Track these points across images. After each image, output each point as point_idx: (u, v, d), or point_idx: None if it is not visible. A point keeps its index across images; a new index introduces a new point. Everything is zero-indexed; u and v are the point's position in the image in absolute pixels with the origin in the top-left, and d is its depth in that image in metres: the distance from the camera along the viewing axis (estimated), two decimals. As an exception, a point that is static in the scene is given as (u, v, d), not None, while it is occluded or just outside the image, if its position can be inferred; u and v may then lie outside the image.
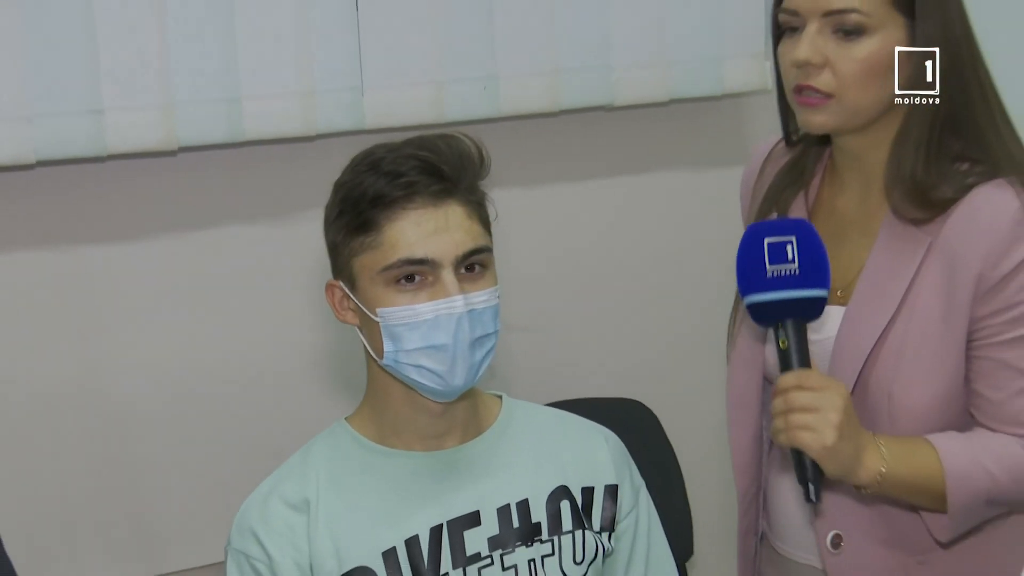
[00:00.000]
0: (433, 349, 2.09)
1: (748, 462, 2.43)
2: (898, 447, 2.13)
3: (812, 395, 2.06)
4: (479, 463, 2.23)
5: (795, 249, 2.09)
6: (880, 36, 2.15)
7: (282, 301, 3.11)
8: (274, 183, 3.05)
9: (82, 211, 2.94)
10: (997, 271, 2.11)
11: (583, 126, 3.36)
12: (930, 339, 2.16)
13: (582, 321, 3.44)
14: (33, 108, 2.75)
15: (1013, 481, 2.13)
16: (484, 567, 2.19)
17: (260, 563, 2.15)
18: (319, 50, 3.01)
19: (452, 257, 2.09)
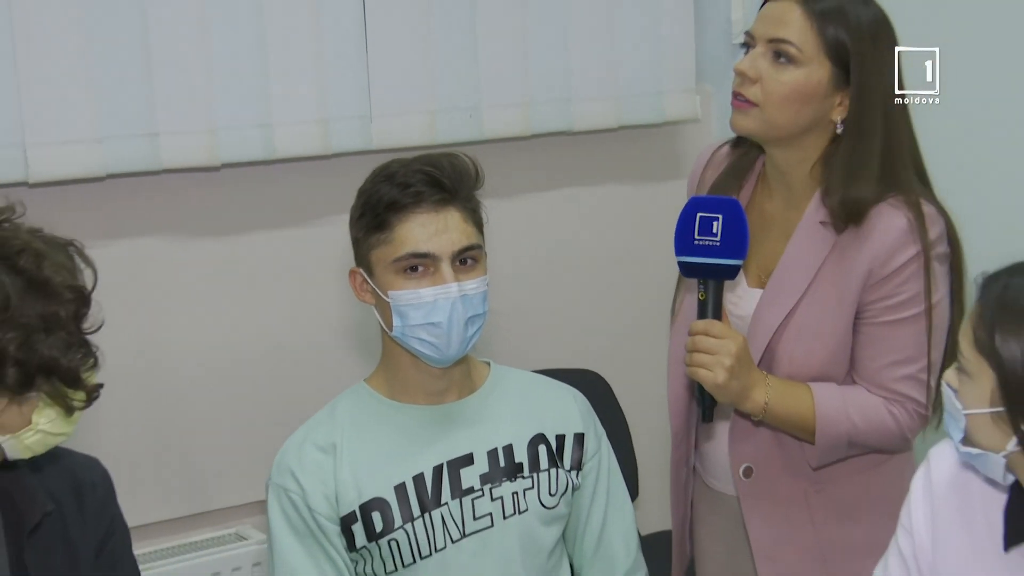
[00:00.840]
0: (432, 326, 2.16)
1: (681, 407, 2.43)
2: (783, 388, 2.20)
3: (714, 342, 2.13)
4: (472, 415, 2.29)
5: (720, 225, 2.14)
6: (806, 70, 2.17)
7: (307, 286, 3.11)
8: (299, 192, 3.07)
9: (142, 215, 2.96)
10: (884, 269, 2.18)
11: (549, 148, 3.38)
12: (826, 318, 2.22)
13: (550, 305, 3.45)
14: (103, 132, 2.78)
15: (871, 430, 2.20)
16: (476, 498, 2.24)
17: (296, 495, 2.20)
18: (335, 85, 3.03)
19: (450, 252, 2.16)
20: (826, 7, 2.17)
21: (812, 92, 2.18)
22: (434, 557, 2.23)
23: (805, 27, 2.17)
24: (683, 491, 2.50)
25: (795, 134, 2.22)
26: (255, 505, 3.00)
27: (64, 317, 1.77)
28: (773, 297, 2.26)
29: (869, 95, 2.19)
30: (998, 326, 1.62)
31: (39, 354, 1.74)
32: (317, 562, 2.21)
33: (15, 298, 1.73)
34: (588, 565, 2.39)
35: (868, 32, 2.19)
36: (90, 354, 1.82)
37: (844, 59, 2.18)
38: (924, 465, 1.89)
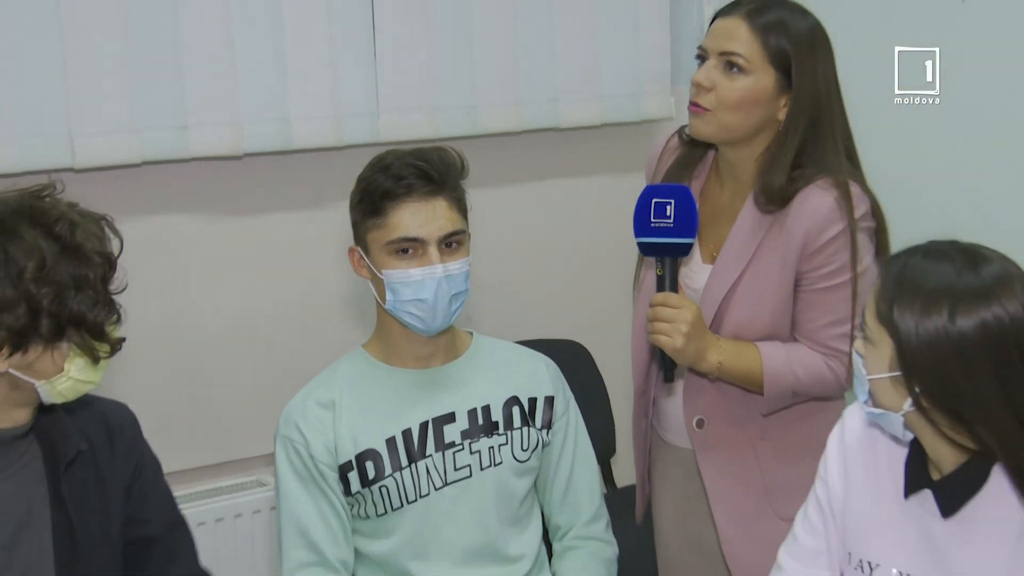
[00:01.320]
0: (419, 301, 2.21)
1: (642, 368, 2.45)
2: (735, 348, 2.25)
3: (671, 311, 2.18)
4: (455, 378, 2.34)
5: (673, 209, 2.19)
6: (754, 78, 2.21)
7: (316, 262, 3.12)
8: (312, 179, 3.09)
9: (173, 198, 2.98)
10: (816, 243, 2.21)
11: (538, 142, 3.40)
12: (767, 286, 2.26)
13: (538, 282, 3.47)
14: (140, 123, 2.81)
15: (812, 381, 2.25)
16: (457, 451, 2.29)
17: (300, 445, 2.26)
18: (346, 84, 3.05)
19: (436, 237, 2.20)
20: (768, 21, 2.21)
21: (760, 96, 2.22)
22: (419, 502, 2.27)
23: (751, 40, 2.21)
24: (643, 440, 2.51)
25: (747, 135, 2.26)
26: (262, 458, 3.05)
27: (93, 278, 1.82)
28: (720, 271, 2.29)
29: (809, 95, 2.23)
30: (896, 301, 1.66)
31: (69, 308, 1.80)
32: (317, 503, 2.25)
33: (50, 260, 1.78)
34: (557, 512, 2.43)
35: (806, 40, 2.23)
36: (114, 311, 1.88)
37: (786, 65, 2.22)
38: (839, 424, 1.93)
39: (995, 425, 1.62)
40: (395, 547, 2.29)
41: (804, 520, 1.94)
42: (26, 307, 1.77)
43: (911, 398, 1.67)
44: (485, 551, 2.32)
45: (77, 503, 1.96)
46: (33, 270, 1.77)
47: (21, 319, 1.78)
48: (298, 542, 2.26)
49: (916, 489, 1.78)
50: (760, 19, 2.21)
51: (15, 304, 1.77)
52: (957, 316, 1.61)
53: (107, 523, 2.01)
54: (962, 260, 1.66)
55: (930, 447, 1.74)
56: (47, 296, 1.78)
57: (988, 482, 1.70)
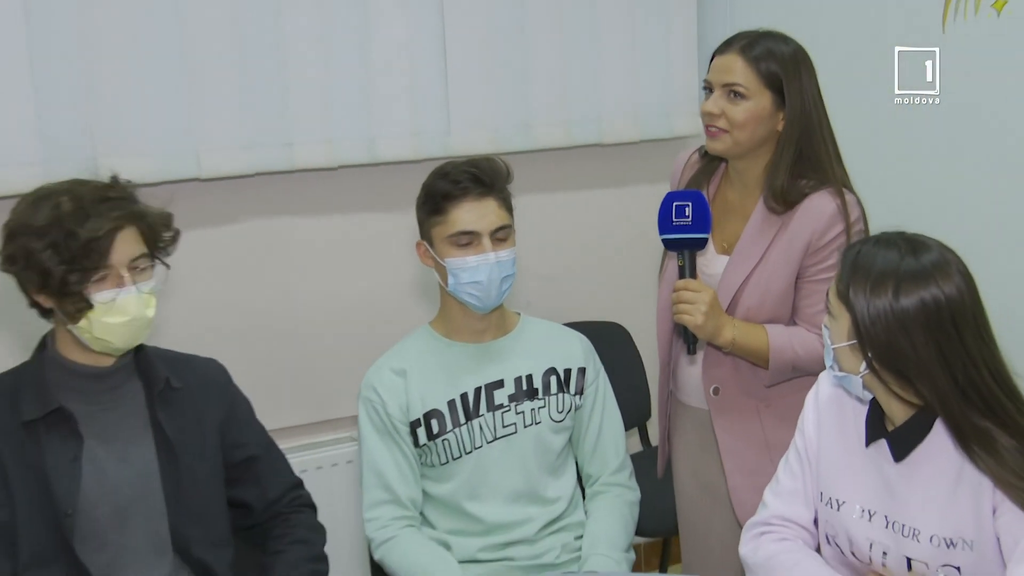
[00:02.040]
0: (476, 283, 2.27)
1: (665, 343, 2.47)
2: (746, 327, 2.28)
3: (692, 294, 2.22)
4: (504, 351, 2.39)
5: (690, 210, 2.24)
6: (754, 101, 2.25)
7: (393, 255, 3.12)
8: (394, 187, 3.07)
9: (280, 202, 3.03)
10: (819, 242, 2.25)
11: (584, 156, 3.41)
12: (775, 278, 2.29)
13: (586, 274, 3.46)
14: (253, 141, 2.87)
15: (808, 357, 2.26)
16: (504, 412, 2.35)
17: (377, 404, 2.34)
18: (423, 107, 3.08)
19: (488, 230, 2.26)
20: (758, 53, 2.26)
21: (761, 115, 2.26)
22: (473, 453, 2.34)
23: (747, 71, 2.25)
24: (665, 405, 2.54)
25: (754, 148, 2.30)
26: (348, 419, 3.09)
27: (74, 249, 1.90)
28: (736, 263, 2.32)
29: (799, 108, 2.26)
30: (851, 282, 1.72)
31: (45, 264, 1.90)
32: (392, 452, 2.34)
33: (56, 220, 1.90)
34: (587, 463, 2.48)
35: (791, 63, 2.26)
36: (84, 279, 1.91)
37: (778, 86, 2.26)
38: (815, 386, 1.99)
39: (933, 384, 1.69)
40: (454, 489, 2.34)
41: (786, 465, 2.00)
42: (24, 252, 1.89)
43: (865, 363, 1.73)
44: (527, 494, 2.36)
45: (175, 427, 2.04)
46: (43, 223, 1.89)
47: (31, 260, 1.89)
48: (375, 483, 2.33)
49: (874, 439, 1.85)
50: (752, 52, 2.25)
51: (24, 245, 1.90)
52: (900, 295, 1.67)
53: (203, 447, 2.09)
54: (906, 247, 1.72)
55: (884, 404, 1.81)
56: (35, 249, 1.88)
57: (931, 432, 1.77)
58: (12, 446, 1.90)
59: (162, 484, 2.03)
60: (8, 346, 2.63)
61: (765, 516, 1.98)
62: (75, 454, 1.94)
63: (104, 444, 1.98)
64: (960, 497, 1.75)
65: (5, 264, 1.93)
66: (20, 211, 1.92)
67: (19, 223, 1.90)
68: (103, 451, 1.98)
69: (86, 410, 1.98)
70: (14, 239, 1.90)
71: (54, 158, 2.66)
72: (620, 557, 2.35)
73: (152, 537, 2.02)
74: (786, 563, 1.88)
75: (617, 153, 3.47)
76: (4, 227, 1.93)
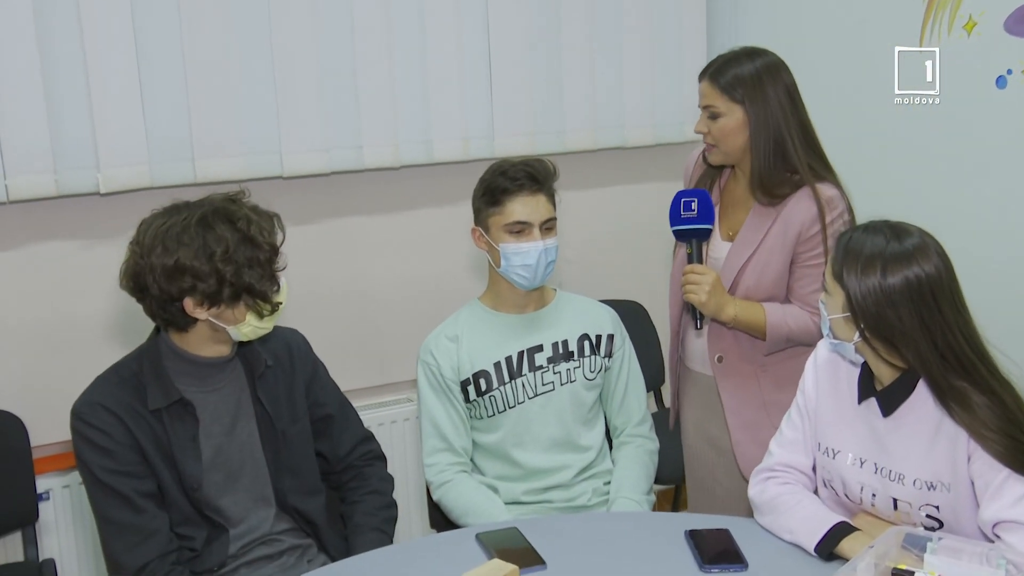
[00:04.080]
0: (526, 266, 2.26)
1: (675, 316, 2.46)
2: (745, 305, 2.28)
3: (697, 276, 2.23)
4: (543, 320, 2.37)
5: (696, 204, 2.26)
6: (728, 117, 2.24)
7: (448, 241, 3.13)
8: (448, 183, 3.10)
9: (354, 199, 3.01)
10: (807, 233, 2.23)
11: (609, 157, 3.40)
12: (771, 262, 2.27)
13: (612, 259, 3.45)
14: (329, 144, 2.88)
15: (800, 330, 2.27)
16: (544, 372, 2.33)
17: (433, 367, 2.33)
18: (471, 116, 3.08)
19: (539, 221, 2.24)
20: (725, 80, 2.23)
21: (736, 127, 2.24)
22: (516, 408, 2.33)
23: (716, 94, 2.24)
24: (675, 371, 2.54)
25: (742, 153, 2.28)
26: (410, 383, 3.11)
27: (262, 259, 1.90)
28: (737, 248, 2.31)
29: (763, 119, 2.22)
30: (844, 264, 1.72)
31: (244, 281, 1.88)
32: (446, 407, 2.33)
33: (233, 246, 1.87)
34: (614, 416, 2.47)
35: (751, 80, 2.21)
36: (276, 283, 1.93)
37: (744, 101, 2.23)
38: (814, 352, 1.98)
39: (917, 349, 1.69)
40: (500, 439, 2.34)
41: (788, 420, 2.00)
42: (215, 278, 1.86)
43: (858, 332, 1.74)
44: (564, 442, 2.36)
45: (270, 400, 2.07)
46: (221, 253, 1.85)
47: (212, 286, 1.86)
48: (433, 433, 2.34)
49: (866, 397, 1.85)
50: (720, 78, 2.23)
51: (208, 276, 1.85)
52: (888, 274, 1.67)
53: (295, 411, 2.12)
54: (890, 233, 1.71)
55: (874, 367, 1.81)
56: (229, 271, 1.86)
57: (915, 391, 1.77)
58: (144, 430, 1.94)
59: (263, 450, 2.06)
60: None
61: (770, 463, 1.97)
62: (193, 434, 1.98)
63: (216, 421, 2.02)
64: (939, 446, 1.75)
65: (189, 294, 1.87)
66: (183, 245, 1.84)
67: (197, 254, 1.84)
68: (216, 428, 2.01)
69: (200, 395, 2.00)
70: (193, 272, 1.85)
71: (159, 159, 2.69)
72: (642, 499, 2.35)
73: (258, 493, 2.07)
74: (789, 503, 1.88)
75: (637, 155, 3.46)
76: (170, 266, 1.85)
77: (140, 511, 1.93)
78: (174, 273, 1.85)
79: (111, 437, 1.92)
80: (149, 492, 1.95)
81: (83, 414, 1.93)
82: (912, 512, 1.78)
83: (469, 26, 3.05)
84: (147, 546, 1.92)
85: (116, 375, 1.99)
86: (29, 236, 2.65)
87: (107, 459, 1.92)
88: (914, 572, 1.59)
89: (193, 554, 2.00)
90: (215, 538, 2.01)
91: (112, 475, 1.92)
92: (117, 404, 1.93)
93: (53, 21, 2.53)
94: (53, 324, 2.69)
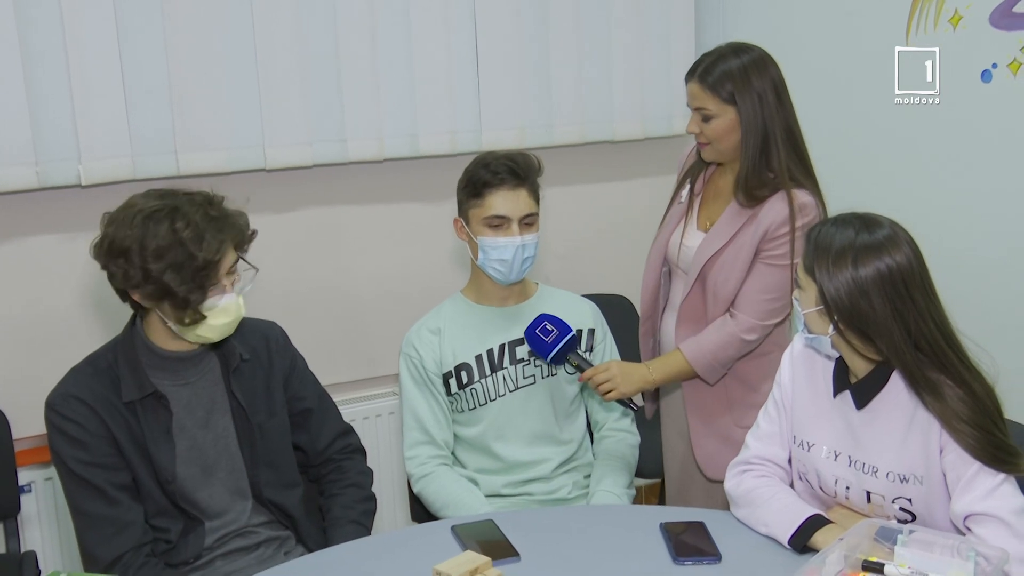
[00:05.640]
0: (502, 260, 2.26)
1: (648, 298, 2.45)
2: (660, 363, 2.30)
3: (602, 375, 2.24)
4: (525, 313, 2.37)
5: (550, 324, 2.25)
6: (721, 118, 2.22)
7: (432, 235, 3.11)
8: (433, 177, 3.06)
9: (336, 191, 3.01)
10: (775, 232, 2.22)
11: (598, 151, 3.39)
12: (739, 256, 2.26)
13: (598, 254, 3.44)
14: (313, 137, 2.86)
15: (727, 356, 2.28)
16: (525, 365, 2.35)
17: (416, 359, 2.34)
18: (459, 109, 3.06)
19: (518, 216, 2.24)
20: (713, 79, 2.21)
21: (730, 127, 2.23)
22: (497, 401, 2.34)
23: (706, 95, 2.22)
24: (651, 354, 2.51)
25: (736, 152, 2.27)
26: (391, 377, 3.09)
27: (192, 268, 1.86)
28: (710, 240, 2.31)
29: (752, 115, 2.21)
30: (815, 258, 1.73)
31: (166, 283, 1.86)
32: (428, 400, 2.34)
33: (164, 246, 1.85)
34: (596, 411, 2.49)
35: (740, 77, 2.20)
36: (203, 295, 1.88)
37: (736, 100, 2.21)
38: (789, 347, 1.99)
39: (891, 338, 1.69)
40: (481, 432, 2.34)
41: (764, 413, 2.01)
42: (141, 272, 1.85)
43: (832, 325, 1.74)
44: (545, 435, 2.36)
45: (245, 394, 2.07)
46: (152, 249, 1.83)
47: (136, 278, 1.85)
48: (414, 426, 2.34)
49: (840, 390, 1.86)
50: (708, 78, 2.21)
51: (136, 266, 1.85)
52: (859, 265, 1.68)
53: (272, 404, 2.12)
54: (860, 225, 1.72)
55: (848, 360, 1.82)
56: (154, 269, 1.84)
57: (888, 384, 1.78)
58: (118, 422, 1.94)
59: (239, 444, 2.07)
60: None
61: (747, 456, 1.98)
62: (167, 427, 1.99)
63: (189, 414, 2.02)
64: (912, 440, 1.76)
65: (116, 279, 1.88)
66: (128, 230, 1.85)
67: (133, 242, 1.84)
68: (189, 421, 2.02)
69: (173, 388, 2.01)
70: (127, 256, 1.85)
71: (141, 152, 2.69)
72: (622, 492, 2.35)
73: (234, 486, 2.07)
74: (764, 495, 1.89)
75: (625, 149, 3.45)
76: (111, 243, 1.86)
77: (114, 503, 1.94)
78: (111, 250, 1.86)
79: (85, 429, 1.92)
80: (123, 484, 1.96)
81: (57, 406, 1.94)
82: (885, 505, 1.79)
83: (456, 17, 3.04)
84: (122, 538, 1.94)
85: (91, 367, 1.99)
86: (10, 229, 2.65)
87: (81, 451, 1.93)
88: (884, 564, 1.60)
89: (168, 546, 2.01)
90: (191, 530, 2.02)
91: (86, 467, 1.93)
92: (91, 396, 1.94)
93: (34, 12, 2.55)
94: (34, 316, 2.70)
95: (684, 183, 2.44)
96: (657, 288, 2.44)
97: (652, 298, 2.47)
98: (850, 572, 1.61)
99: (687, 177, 2.44)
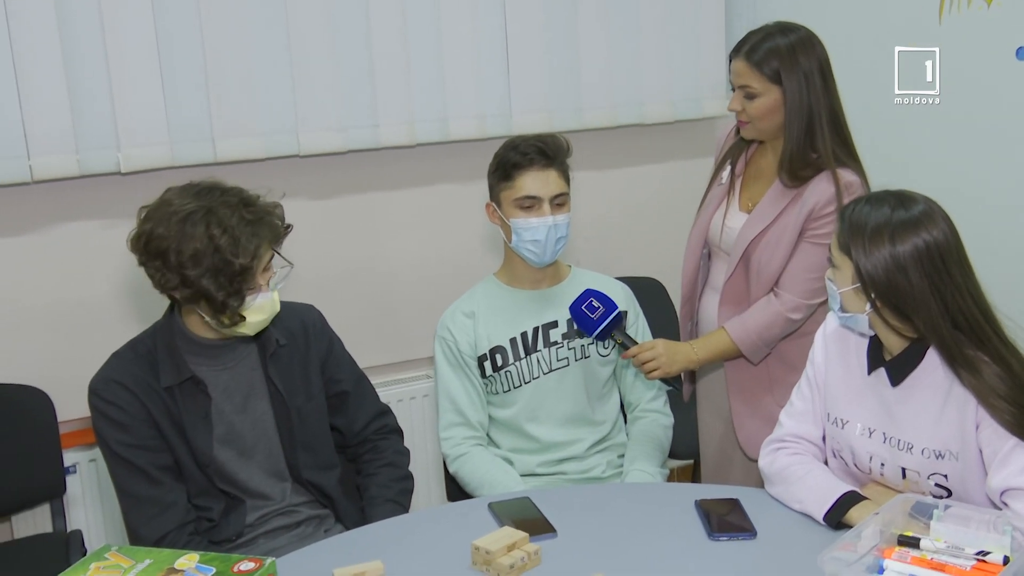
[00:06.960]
0: (535, 241, 2.27)
1: (688, 280, 2.46)
2: (703, 342, 2.29)
3: (647, 353, 2.23)
4: (558, 296, 2.38)
5: (596, 301, 2.24)
6: (765, 97, 2.22)
7: (465, 218, 3.08)
8: (464, 160, 3.10)
9: (369, 176, 3.02)
10: (821, 211, 2.22)
11: (630, 134, 3.39)
12: (783, 239, 2.26)
13: (630, 237, 3.45)
14: (345, 123, 2.90)
15: (772, 335, 2.28)
16: (558, 348, 2.36)
17: (451, 342, 2.36)
18: (488, 94, 3.09)
19: (549, 196, 2.25)
20: (759, 56, 2.20)
21: (775, 106, 2.23)
22: (531, 383, 2.36)
23: (752, 74, 2.21)
24: (689, 336, 2.52)
25: (778, 130, 2.27)
26: (428, 359, 3.04)
27: (229, 274, 1.87)
28: (754, 220, 2.31)
29: (797, 95, 2.20)
30: (851, 236, 1.73)
31: (204, 287, 1.87)
32: (463, 382, 2.36)
33: (200, 251, 1.86)
34: (628, 392, 2.49)
35: (787, 56, 2.19)
36: (241, 299, 1.91)
37: (782, 79, 2.21)
38: (823, 325, 1.99)
39: (928, 314, 1.70)
40: (515, 413, 2.36)
41: (798, 391, 2.01)
42: (178, 276, 1.88)
43: (869, 303, 1.75)
44: (578, 417, 2.38)
45: (283, 379, 2.09)
46: (189, 253, 1.86)
47: (173, 281, 1.88)
48: (449, 408, 2.36)
49: (875, 367, 1.86)
50: (755, 56, 2.20)
51: (172, 270, 1.87)
52: (896, 242, 1.69)
53: (310, 388, 2.14)
54: (895, 202, 1.73)
55: (883, 337, 1.82)
56: (191, 274, 1.87)
57: (923, 361, 1.78)
58: (157, 406, 1.97)
59: (276, 427, 2.09)
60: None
61: (780, 434, 1.99)
62: (205, 411, 2.01)
63: (228, 399, 2.04)
64: (947, 416, 1.76)
65: (155, 279, 1.90)
66: (165, 231, 1.86)
67: (169, 245, 1.86)
68: (228, 406, 2.04)
69: (212, 373, 2.03)
70: (164, 259, 1.86)
71: (179, 139, 2.73)
72: (655, 471, 2.36)
73: (272, 469, 2.10)
74: (799, 472, 1.90)
75: (655, 132, 3.45)
76: (147, 242, 1.87)
77: (157, 484, 1.98)
78: (148, 249, 1.88)
79: (126, 412, 1.96)
80: (165, 465, 2.00)
81: (99, 390, 1.97)
82: (921, 481, 1.79)
83: (485, 3, 3.06)
84: (165, 517, 1.98)
85: (132, 351, 2.03)
86: (52, 215, 2.70)
87: (124, 434, 1.96)
88: (920, 539, 1.61)
89: (211, 524, 2.05)
90: (232, 509, 2.06)
91: (129, 449, 1.97)
92: (132, 380, 1.97)
93: (73, 3, 2.59)
94: (76, 301, 2.75)
95: (724, 164, 2.42)
96: (697, 270, 2.44)
97: (692, 280, 2.47)
98: (885, 547, 1.61)
99: (727, 158, 2.42)
